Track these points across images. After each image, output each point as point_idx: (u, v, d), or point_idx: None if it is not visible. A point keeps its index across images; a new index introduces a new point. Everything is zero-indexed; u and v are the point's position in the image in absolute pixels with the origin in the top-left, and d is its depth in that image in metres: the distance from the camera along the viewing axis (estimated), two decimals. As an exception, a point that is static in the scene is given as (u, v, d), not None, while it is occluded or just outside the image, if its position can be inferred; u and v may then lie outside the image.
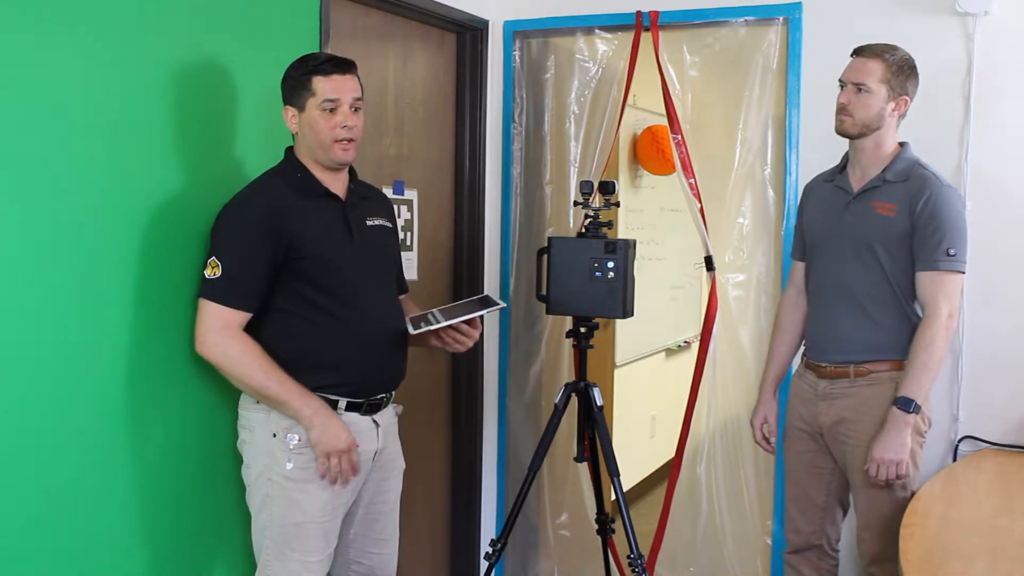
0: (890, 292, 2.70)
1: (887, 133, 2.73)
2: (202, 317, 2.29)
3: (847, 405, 2.74)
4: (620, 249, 2.99)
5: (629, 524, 3.00)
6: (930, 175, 2.68)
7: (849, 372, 2.74)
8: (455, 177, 3.73)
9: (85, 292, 2.16)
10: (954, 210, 2.65)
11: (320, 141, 2.36)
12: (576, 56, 3.76)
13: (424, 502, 3.65)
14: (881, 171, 2.73)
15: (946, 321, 2.61)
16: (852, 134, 2.74)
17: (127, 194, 2.24)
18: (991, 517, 2.52)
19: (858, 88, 2.70)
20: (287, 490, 2.33)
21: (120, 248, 2.23)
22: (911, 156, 2.74)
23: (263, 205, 2.32)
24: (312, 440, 2.31)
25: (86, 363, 2.17)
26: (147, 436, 2.33)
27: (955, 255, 2.62)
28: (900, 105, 2.71)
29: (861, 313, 2.73)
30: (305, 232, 2.33)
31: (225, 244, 2.30)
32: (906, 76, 2.71)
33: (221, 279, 2.26)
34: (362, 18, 3.19)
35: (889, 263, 2.69)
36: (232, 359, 2.28)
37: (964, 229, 2.66)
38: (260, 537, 2.38)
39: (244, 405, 2.41)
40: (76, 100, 2.12)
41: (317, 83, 2.35)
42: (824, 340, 2.81)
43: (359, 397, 2.42)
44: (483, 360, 3.80)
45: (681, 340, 5.76)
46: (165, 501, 2.39)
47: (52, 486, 2.11)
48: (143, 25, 2.27)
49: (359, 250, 2.44)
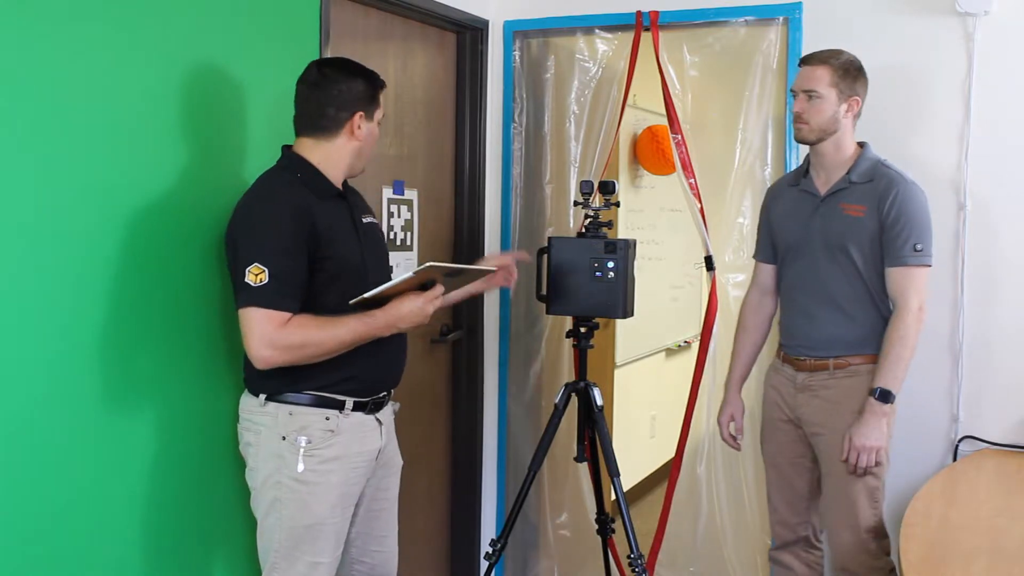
0: (864, 289, 2.79)
1: (845, 135, 2.82)
2: (256, 327, 2.21)
3: (827, 396, 2.83)
4: (620, 249, 3.00)
5: (629, 524, 3.00)
6: (894, 174, 2.77)
7: (829, 365, 2.83)
8: (455, 177, 3.73)
9: (85, 293, 2.15)
10: (919, 206, 2.75)
11: (371, 151, 2.48)
12: (576, 56, 3.76)
13: (424, 502, 3.65)
14: (846, 173, 2.82)
15: (917, 314, 2.72)
16: (811, 140, 2.84)
17: (127, 194, 2.24)
18: (991, 517, 2.52)
19: (809, 95, 2.80)
20: (297, 492, 2.31)
21: (120, 249, 2.22)
22: (872, 156, 2.83)
23: (292, 205, 2.29)
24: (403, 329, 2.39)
25: (85, 366, 2.16)
26: (147, 438, 2.33)
27: (922, 250, 2.72)
28: (852, 105, 2.81)
29: (838, 311, 2.82)
30: (328, 232, 2.33)
31: (266, 247, 2.23)
32: (853, 77, 2.80)
33: (270, 284, 2.20)
34: (362, 18, 3.19)
35: (862, 262, 2.78)
36: (299, 348, 2.25)
37: (929, 224, 2.76)
38: (268, 541, 2.36)
39: (248, 408, 2.39)
40: (73, 100, 2.11)
41: (381, 99, 2.47)
42: (803, 338, 2.89)
43: (365, 396, 2.42)
44: (483, 360, 3.80)
45: (681, 340, 5.76)
46: (163, 503, 2.38)
47: (50, 490, 2.10)
48: (142, 25, 2.26)
49: (365, 248, 2.46)
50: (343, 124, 2.38)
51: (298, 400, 2.32)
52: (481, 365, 3.80)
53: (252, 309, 2.21)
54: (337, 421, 2.34)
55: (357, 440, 2.39)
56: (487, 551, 3.11)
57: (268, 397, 2.33)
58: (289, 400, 2.32)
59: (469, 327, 3.75)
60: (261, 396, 2.34)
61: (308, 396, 2.33)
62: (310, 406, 2.32)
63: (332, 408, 2.34)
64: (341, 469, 2.35)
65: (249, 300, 2.21)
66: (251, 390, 2.38)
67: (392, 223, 3.34)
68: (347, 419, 2.36)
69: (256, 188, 2.35)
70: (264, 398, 2.33)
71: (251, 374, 2.36)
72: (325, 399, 2.34)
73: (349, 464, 2.37)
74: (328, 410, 2.34)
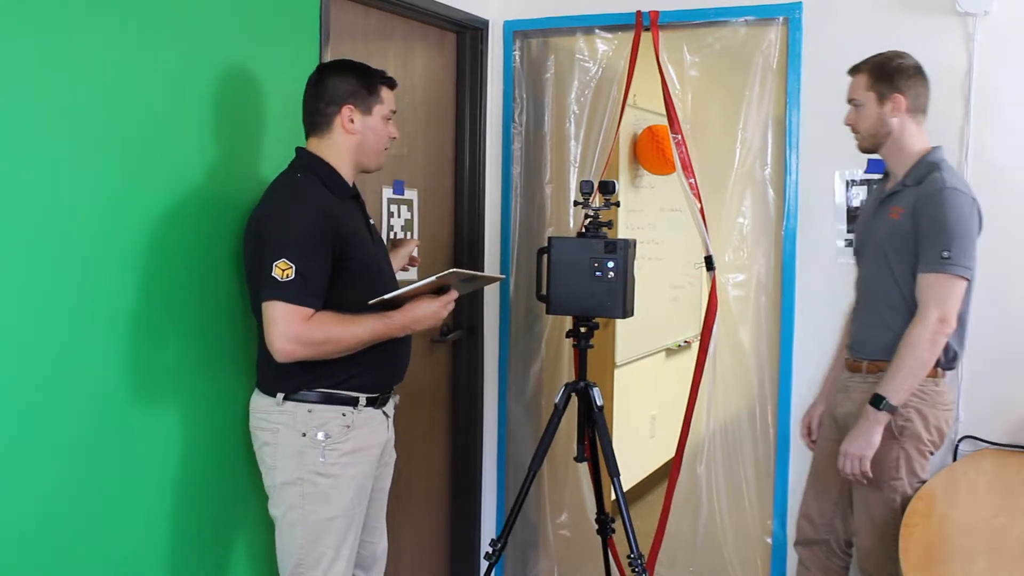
0: (899, 294, 2.71)
1: (903, 136, 2.75)
2: (280, 320, 2.24)
3: (856, 398, 2.79)
4: (620, 249, 3.00)
5: (629, 524, 3.00)
6: (939, 177, 2.65)
7: (863, 367, 2.80)
8: (455, 177, 3.73)
9: (96, 291, 2.16)
10: (954, 212, 2.60)
11: (377, 147, 2.49)
12: (576, 56, 3.76)
13: (424, 502, 3.65)
14: (904, 176, 2.76)
15: (934, 325, 2.58)
16: (867, 147, 2.82)
17: (135, 193, 2.25)
18: (991, 517, 2.52)
19: (853, 104, 2.79)
20: (321, 487, 2.36)
21: (130, 247, 2.24)
22: (933, 159, 2.72)
23: (318, 205, 2.34)
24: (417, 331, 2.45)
25: (95, 364, 2.17)
26: (170, 431, 2.36)
27: (949, 258, 2.57)
28: (897, 104, 2.72)
29: (876, 314, 2.78)
30: (349, 233, 2.38)
31: (294, 244, 2.28)
32: (889, 76, 2.73)
33: (296, 280, 2.24)
34: (362, 18, 3.19)
35: (896, 266, 2.71)
36: (320, 344, 2.29)
37: (965, 232, 2.61)
38: (290, 538, 2.39)
39: (263, 408, 2.41)
40: (82, 100, 2.11)
41: (385, 93, 2.48)
42: (852, 336, 2.90)
43: (376, 392, 2.47)
44: (483, 360, 3.81)
45: (681, 340, 5.76)
46: (185, 496, 2.41)
47: (58, 489, 2.11)
48: (142, 25, 2.27)
49: (377, 248, 2.53)
50: (333, 119, 2.43)
51: (314, 398, 2.37)
52: (481, 365, 3.80)
53: (277, 303, 2.25)
54: (353, 416, 2.40)
55: (370, 433, 2.46)
56: (487, 551, 3.11)
57: (286, 396, 2.37)
58: (306, 398, 2.37)
59: (469, 327, 3.75)
60: (279, 395, 2.38)
61: (323, 394, 2.38)
62: (326, 403, 2.38)
63: (347, 404, 2.40)
64: (358, 462, 2.42)
65: (275, 294, 2.25)
66: (266, 390, 2.41)
67: (392, 223, 3.34)
68: (361, 414, 2.42)
69: (283, 187, 2.39)
70: (282, 397, 2.37)
71: (265, 375, 2.41)
72: (340, 396, 2.39)
73: (364, 457, 2.44)
74: (343, 406, 2.39)
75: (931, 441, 2.72)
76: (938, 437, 2.74)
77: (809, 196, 3.39)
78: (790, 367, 3.43)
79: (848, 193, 3.33)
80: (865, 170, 3.30)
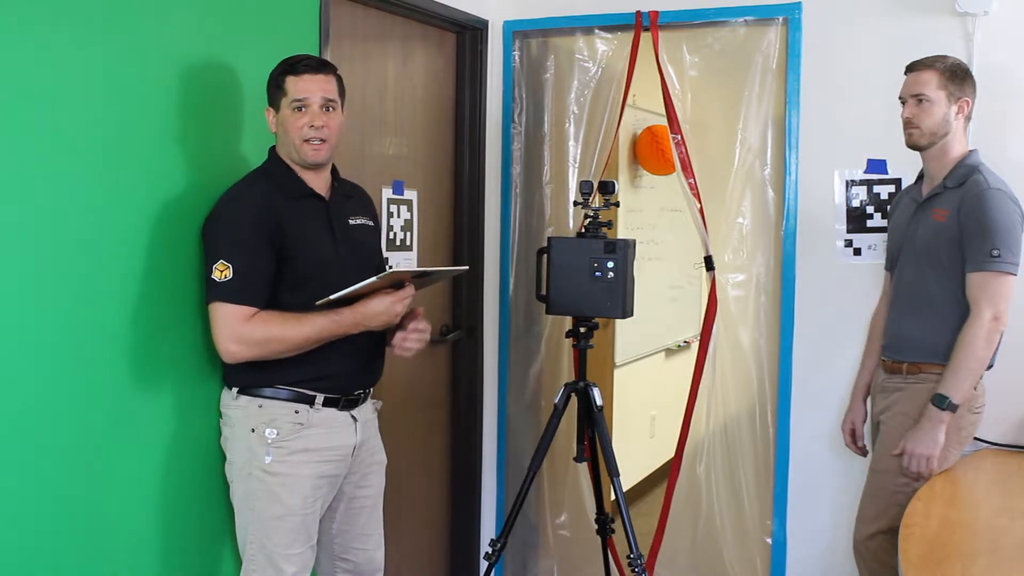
0: (945, 296, 2.74)
1: (954, 139, 2.79)
2: (221, 322, 2.26)
3: (894, 399, 2.83)
4: (620, 249, 2.99)
5: (629, 524, 3.00)
6: (982, 179, 2.71)
7: (903, 369, 2.83)
8: (455, 177, 3.73)
9: (86, 291, 2.15)
10: (1001, 212, 2.66)
11: (291, 140, 2.38)
12: (576, 56, 3.76)
13: (424, 502, 3.65)
14: (944, 178, 2.78)
15: (989, 323, 2.64)
16: (923, 144, 2.81)
17: (126, 192, 2.24)
18: (991, 517, 2.52)
19: (918, 99, 2.77)
20: (267, 484, 2.34)
21: (120, 246, 2.23)
22: (973, 161, 2.78)
23: (257, 204, 2.33)
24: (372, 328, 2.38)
25: (88, 363, 2.17)
26: (150, 435, 2.34)
27: (999, 256, 2.63)
28: (963, 107, 2.78)
29: (917, 315, 2.81)
30: (294, 232, 2.36)
31: (230, 244, 2.28)
32: (961, 79, 2.77)
33: (234, 280, 2.25)
34: (362, 18, 3.19)
35: (942, 268, 2.74)
36: (263, 344, 2.29)
37: (1012, 230, 2.67)
38: (244, 532, 2.40)
39: (224, 403, 2.43)
40: (73, 98, 2.11)
41: (289, 83, 2.37)
42: (889, 338, 2.92)
43: (336, 393, 2.44)
44: (483, 360, 3.80)
45: (681, 340, 5.76)
46: (179, 485, 2.41)
47: (57, 489, 2.11)
48: (141, 24, 2.26)
49: (341, 249, 2.47)
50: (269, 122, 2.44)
51: (269, 394, 2.36)
52: (481, 365, 3.80)
53: (218, 304, 2.27)
54: (307, 415, 2.38)
55: (328, 435, 2.42)
56: (487, 551, 3.11)
57: (240, 390, 2.38)
58: (260, 393, 2.37)
59: (469, 327, 3.75)
60: (234, 389, 2.39)
61: (279, 390, 2.37)
62: (281, 400, 2.37)
63: (303, 403, 2.38)
64: (311, 461, 2.39)
65: (215, 295, 2.27)
66: (226, 383, 2.43)
67: (392, 223, 3.34)
68: (318, 414, 2.40)
69: (228, 190, 2.39)
70: (236, 391, 2.38)
71: (227, 368, 2.41)
72: (296, 394, 2.38)
73: (319, 457, 2.40)
74: (298, 404, 2.38)
75: (959, 443, 2.79)
76: (967, 437, 2.81)
77: (809, 196, 3.39)
78: (790, 367, 3.44)
79: (848, 193, 3.33)
80: (865, 170, 3.30)
